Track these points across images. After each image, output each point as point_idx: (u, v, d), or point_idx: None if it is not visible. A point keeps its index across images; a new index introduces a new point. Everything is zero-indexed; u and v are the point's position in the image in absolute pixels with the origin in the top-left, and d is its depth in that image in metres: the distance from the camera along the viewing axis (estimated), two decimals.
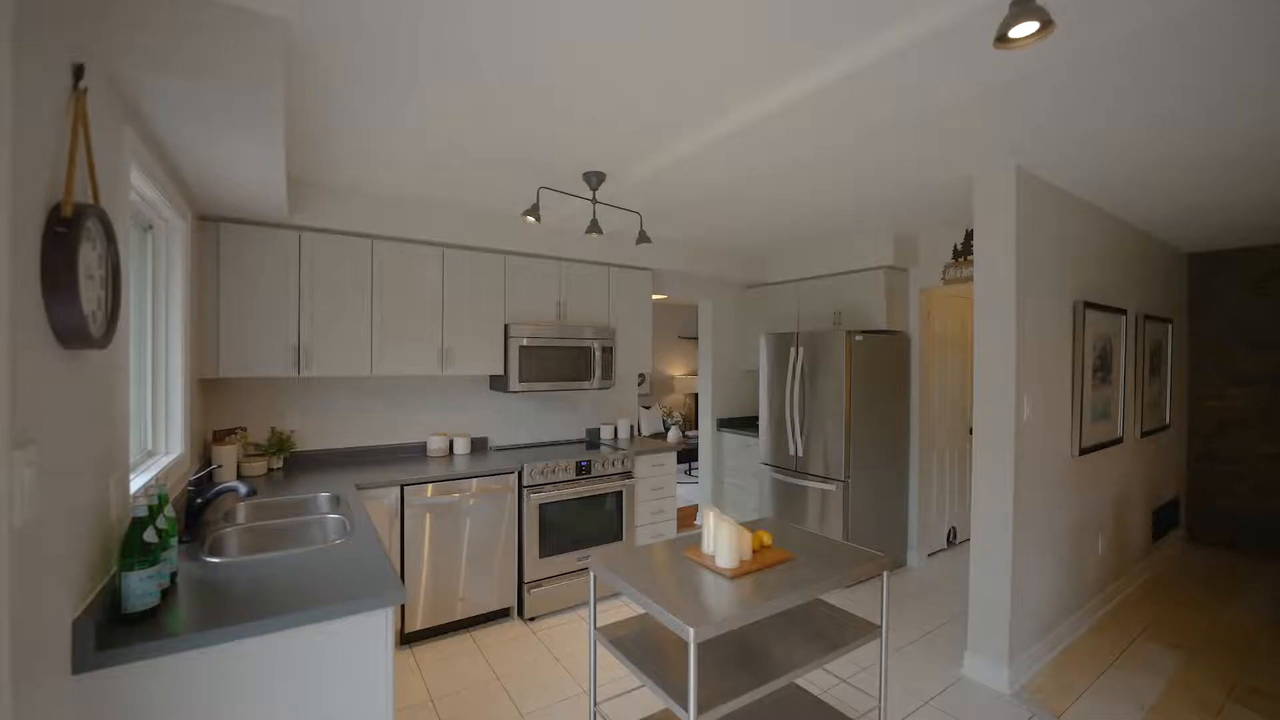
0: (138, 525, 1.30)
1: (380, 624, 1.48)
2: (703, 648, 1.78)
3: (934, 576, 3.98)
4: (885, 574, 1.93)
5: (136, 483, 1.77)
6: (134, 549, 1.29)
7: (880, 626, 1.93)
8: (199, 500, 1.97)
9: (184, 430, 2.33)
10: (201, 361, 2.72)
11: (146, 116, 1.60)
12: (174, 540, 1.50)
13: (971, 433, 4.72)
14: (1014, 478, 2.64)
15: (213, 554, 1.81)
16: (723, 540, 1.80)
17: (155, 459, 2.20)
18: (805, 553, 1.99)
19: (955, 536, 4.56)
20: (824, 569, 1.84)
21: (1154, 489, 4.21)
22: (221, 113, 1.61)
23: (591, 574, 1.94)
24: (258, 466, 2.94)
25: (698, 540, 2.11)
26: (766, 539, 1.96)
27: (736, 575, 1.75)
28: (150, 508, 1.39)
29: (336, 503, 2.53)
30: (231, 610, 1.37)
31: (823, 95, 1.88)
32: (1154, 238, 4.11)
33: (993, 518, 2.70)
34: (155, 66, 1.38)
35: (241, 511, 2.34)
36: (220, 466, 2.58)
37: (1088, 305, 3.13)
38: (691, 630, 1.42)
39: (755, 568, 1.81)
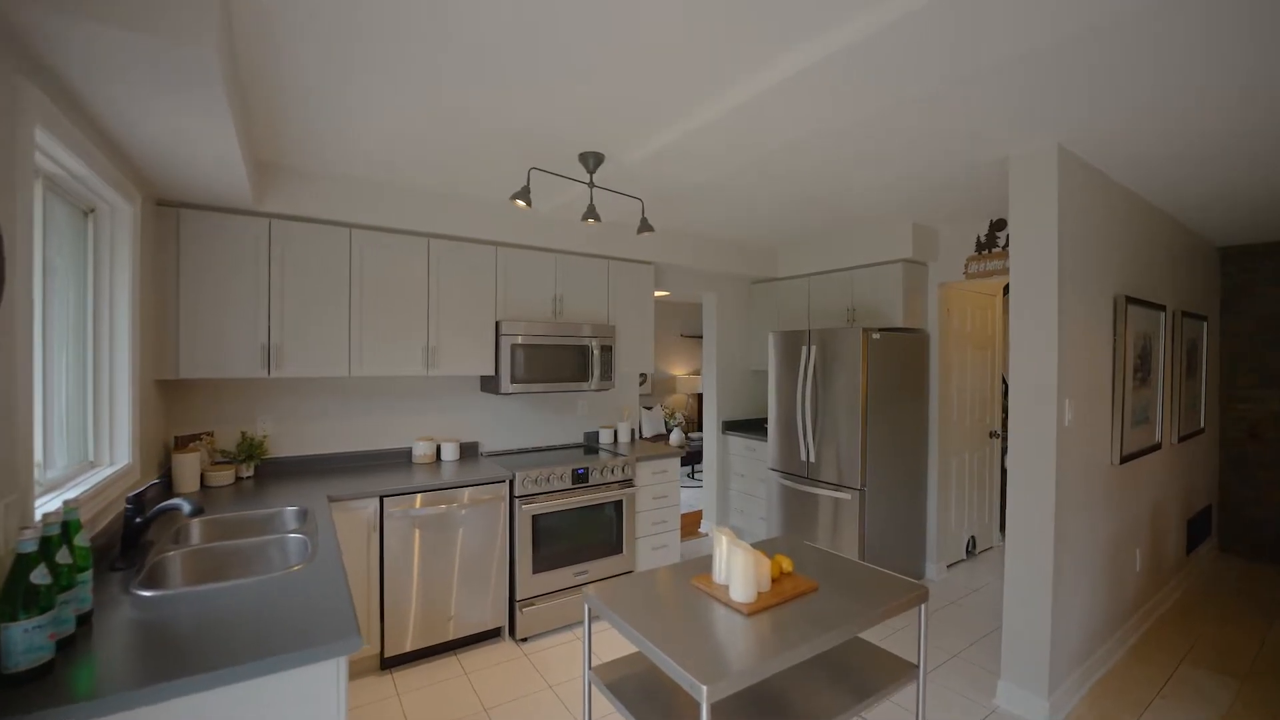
0: (22, 564, 1.06)
1: (330, 676, 1.23)
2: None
3: (955, 590, 3.73)
4: (923, 607, 1.68)
5: (54, 504, 1.53)
6: (15, 594, 1.04)
7: (917, 666, 1.68)
8: (139, 520, 1.73)
9: (132, 437, 2.09)
10: (159, 361, 2.47)
11: (58, 72, 1.35)
12: (84, 576, 1.26)
13: (992, 436, 4.52)
14: (1055, 490, 2.39)
15: (148, 585, 1.57)
16: (737, 570, 1.55)
17: (96, 471, 1.95)
18: (828, 580, 1.75)
19: (975, 546, 4.30)
20: (853, 602, 1.59)
21: (1189, 497, 3.95)
22: (146, 69, 1.36)
23: (586, 607, 1.69)
24: (224, 475, 2.69)
25: (706, 561, 1.87)
26: (786, 565, 1.71)
27: (754, 612, 1.51)
28: (46, 539, 1.15)
29: (304, 518, 2.28)
30: (148, 664, 1.12)
31: (845, 58, 1.62)
32: (1188, 229, 3.85)
33: (1031, 533, 2.45)
34: (48, 3, 1.13)
35: (195, 530, 2.09)
36: (159, 482, 2.32)
37: (1129, 300, 2.88)
38: (705, 689, 1.17)
39: (775, 601, 1.56)
